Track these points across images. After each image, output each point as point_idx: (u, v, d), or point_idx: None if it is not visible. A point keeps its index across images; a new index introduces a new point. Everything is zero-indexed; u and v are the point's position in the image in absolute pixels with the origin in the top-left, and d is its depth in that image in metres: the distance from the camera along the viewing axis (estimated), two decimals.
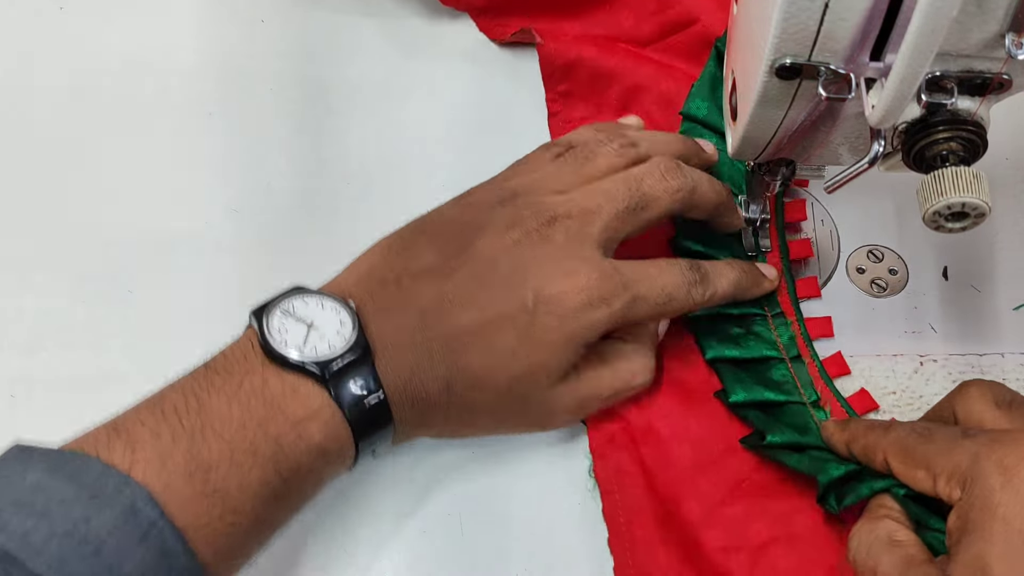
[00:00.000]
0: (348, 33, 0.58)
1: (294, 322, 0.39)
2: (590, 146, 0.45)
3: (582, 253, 0.42)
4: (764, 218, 0.50)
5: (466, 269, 0.42)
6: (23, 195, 0.53)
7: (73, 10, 0.58)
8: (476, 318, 0.41)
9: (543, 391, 0.42)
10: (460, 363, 0.41)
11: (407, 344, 0.40)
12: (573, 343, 0.41)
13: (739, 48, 0.42)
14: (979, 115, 0.37)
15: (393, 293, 0.41)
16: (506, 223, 0.43)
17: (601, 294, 0.41)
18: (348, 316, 0.40)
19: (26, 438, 0.48)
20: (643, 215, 0.43)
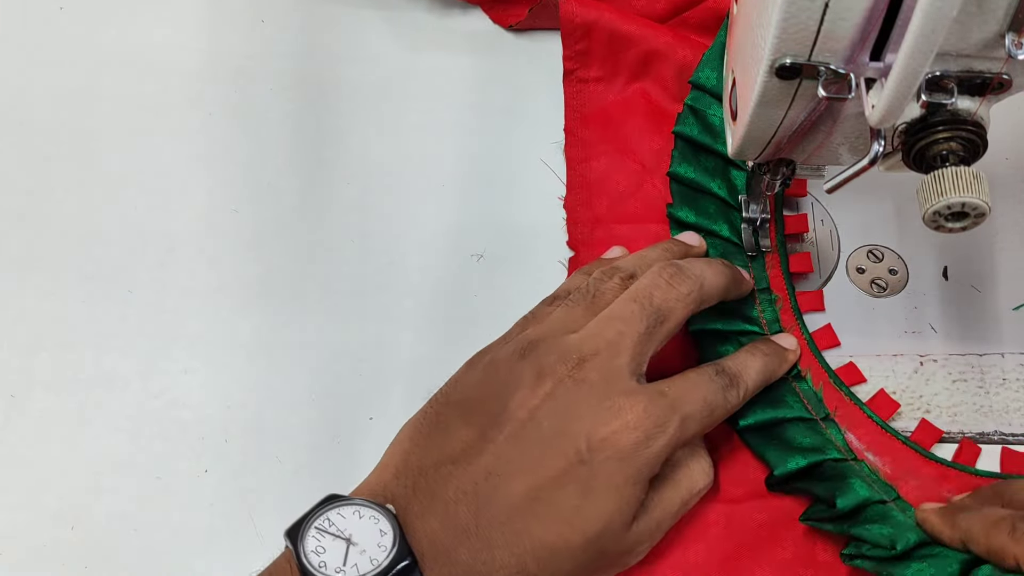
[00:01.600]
0: (348, 32, 0.58)
1: (331, 539, 0.37)
2: (592, 286, 0.44)
3: (621, 387, 0.40)
4: (764, 218, 0.50)
5: (507, 436, 0.39)
6: (23, 195, 0.53)
7: (73, 10, 0.58)
8: (531, 485, 0.38)
9: (620, 537, 0.40)
10: (527, 542, 0.38)
11: (462, 540, 0.38)
12: (640, 481, 0.39)
13: (739, 48, 0.42)
14: (979, 115, 0.37)
15: (436, 485, 0.39)
16: (534, 376, 0.40)
17: (655, 424, 0.39)
18: (388, 524, 0.37)
19: (26, 438, 0.48)
20: (663, 329, 0.42)
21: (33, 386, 0.49)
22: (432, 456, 0.40)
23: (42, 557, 0.46)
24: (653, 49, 0.53)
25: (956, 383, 0.48)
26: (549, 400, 0.40)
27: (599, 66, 0.54)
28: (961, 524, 0.41)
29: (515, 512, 0.38)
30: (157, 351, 0.49)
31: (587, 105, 0.54)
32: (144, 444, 0.48)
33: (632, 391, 0.40)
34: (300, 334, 0.50)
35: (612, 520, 0.39)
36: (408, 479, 0.39)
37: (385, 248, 0.52)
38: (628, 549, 0.40)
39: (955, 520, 0.41)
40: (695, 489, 0.42)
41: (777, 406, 0.46)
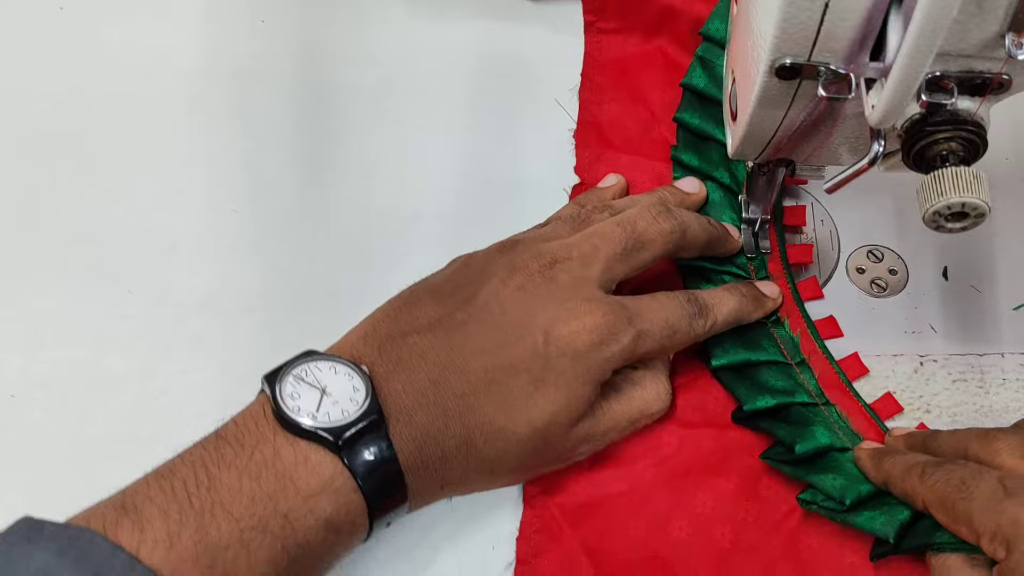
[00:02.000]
0: (348, 32, 0.58)
1: (307, 387, 0.38)
2: (582, 214, 0.47)
3: (586, 293, 0.42)
4: (764, 219, 0.50)
5: (472, 319, 0.42)
6: (23, 195, 0.53)
7: (73, 10, 0.58)
8: (488, 366, 0.41)
9: (564, 433, 0.42)
10: (478, 417, 0.40)
11: (421, 405, 0.40)
12: (590, 382, 0.41)
13: (739, 48, 0.42)
14: (979, 115, 0.37)
15: (401, 351, 0.41)
16: (508, 269, 0.43)
17: (610, 331, 0.41)
18: (361, 381, 0.39)
19: (26, 438, 0.48)
20: (639, 256, 0.44)
21: (33, 386, 0.49)
22: (400, 326, 0.42)
23: None
24: (670, 5, 0.54)
25: (956, 383, 0.48)
26: (517, 291, 0.42)
27: (618, 19, 0.56)
28: (884, 467, 0.42)
29: (470, 388, 0.40)
30: (157, 351, 0.49)
31: (604, 53, 0.56)
32: (144, 444, 0.48)
33: (595, 298, 0.42)
34: (300, 334, 0.50)
35: (558, 413, 0.41)
36: (375, 342, 0.41)
37: (385, 248, 0.52)
38: (570, 447, 0.43)
39: (880, 462, 0.43)
40: (647, 410, 0.44)
41: (753, 348, 0.47)
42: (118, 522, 0.35)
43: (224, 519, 0.35)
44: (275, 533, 0.36)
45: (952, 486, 0.38)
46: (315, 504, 0.37)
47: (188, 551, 0.34)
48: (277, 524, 0.36)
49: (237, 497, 0.36)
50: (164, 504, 0.35)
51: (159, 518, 0.35)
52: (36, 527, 0.34)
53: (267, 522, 0.36)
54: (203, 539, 0.35)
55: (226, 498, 0.36)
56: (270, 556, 0.36)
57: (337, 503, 0.37)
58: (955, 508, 0.38)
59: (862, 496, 0.42)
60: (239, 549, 0.35)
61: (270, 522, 0.36)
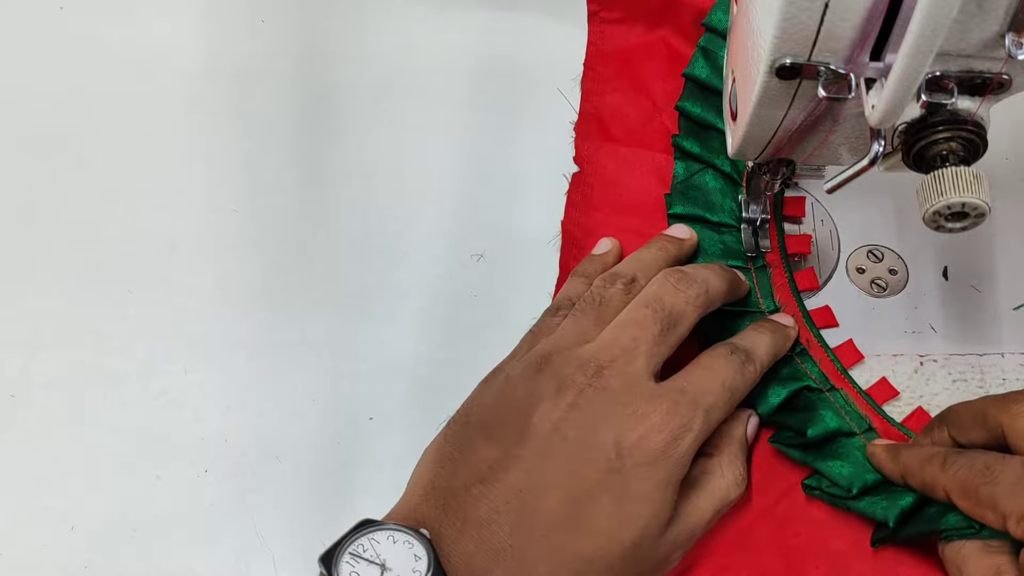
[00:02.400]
0: (348, 32, 0.58)
1: (365, 564, 0.37)
2: (595, 293, 0.45)
3: (642, 391, 0.40)
4: (764, 218, 0.50)
5: (533, 452, 0.39)
6: (23, 195, 0.53)
7: (73, 10, 0.58)
8: (564, 499, 0.38)
9: (656, 543, 0.39)
10: (564, 557, 0.38)
11: (496, 561, 0.37)
12: (671, 484, 0.39)
13: (739, 48, 0.42)
14: (979, 115, 0.37)
15: (467, 506, 0.38)
16: (555, 388, 0.41)
17: (680, 424, 0.40)
18: (423, 548, 0.37)
19: (26, 438, 0.48)
20: (676, 332, 0.42)
21: (33, 386, 0.49)
22: (460, 477, 0.39)
23: (42, 557, 0.46)
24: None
25: (956, 383, 0.48)
26: (572, 411, 0.40)
27: (621, 9, 0.56)
28: (901, 458, 0.42)
29: (550, 528, 0.38)
30: (157, 351, 0.49)
31: (607, 43, 0.56)
32: (144, 444, 0.48)
33: (653, 394, 0.40)
34: (300, 334, 0.50)
35: (648, 527, 0.39)
36: (438, 501, 0.39)
37: (385, 248, 0.52)
38: (663, 556, 0.40)
39: (897, 455, 0.42)
40: (728, 498, 0.42)
41: None
42: None
43: None
44: None
45: (975, 471, 0.38)
46: None
47: None
48: None
49: None
50: None
51: None
52: None
53: None
54: None
55: None
56: None
57: None
58: (978, 493, 0.37)
59: (868, 484, 0.42)
60: None
61: None
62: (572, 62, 0.56)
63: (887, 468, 0.43)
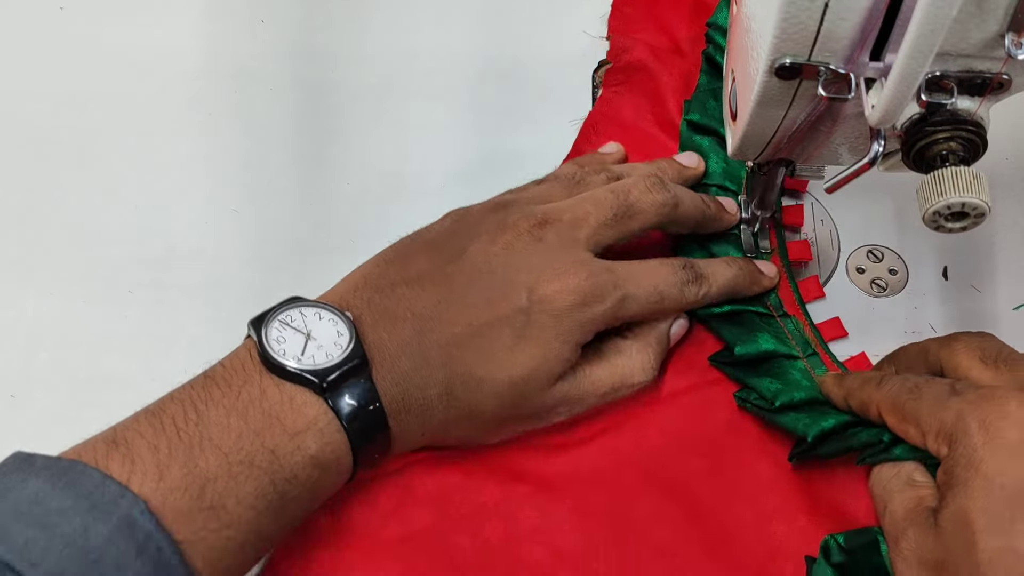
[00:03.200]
0: (348, 32, 0.58)
1: (292, 332, 0.40)
2: (578, 175, 0.47)
3: (573, 255, 0.43)
4: (764, 218, 0.50)
5: (461, 273, 0.43)
6: (23, 195, 0.53)
7: (73, 10, 0.58)
8: (472, 321, 0.42)
9: (542, 390, 0.42)
10: (459, 367, 0.41)
11: (405, 352, 0.41)
12: (569, 341, 0.42)
13: (739, 48, 0.42)
14: (979, 115, 0.37)
15: (390, 301, 0.42)
16: (497, 227, 0.44)
17: (593, 292, 0.42)
18: (346, 327, 0.40)
19: (26, 438, 0.48)
20: (629, 224, 0.45)
21: (33, 386, 0.49)
22: (390, 277, 0.43)
23: None
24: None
25: None
26: (506, 250, 0.43)
27: None
28: (845, 382, 0.43)
29: (453, 339, 0.41)
30: (157, 351, 0.49)
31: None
32: None
33: (581, 260, 0.43)
34: None
35: (536, 368, 0.42)
36: (365, 294, 0.42)
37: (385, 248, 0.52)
38: (548, 407, 0.43)
39: (842, 380, 0.44)
40: (629, 379, 0.44)
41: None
42: (108, 455, 0.36)
43: (212, 453, 0.36)
44: (262, 467, 0.37)
45: (905, 389, 0.40)
46: (301, 441, 0.38)
47: (177, 482, 0.35)
48: (264, 459, 0.37)
49: (225, 433, 0.37)
50: (153, 439, 0.36)
51: (149, 452, 0.36)
52: (28, 460, 0.35)
53: (254, 456, 0.37)
54: (192, 471, 0.36)
55: (214, 433, 0.37)
56: (258, 489, 0.37)
57: (322, 441, 0.38)
58: (904, 408, 0.39)
59: (793, 401, 0.44)
60: (228, 481, 0.36)
61: (257, 456, 0.37)
62: (573, 62, 0.56)
63: (833, 392, 0.44)
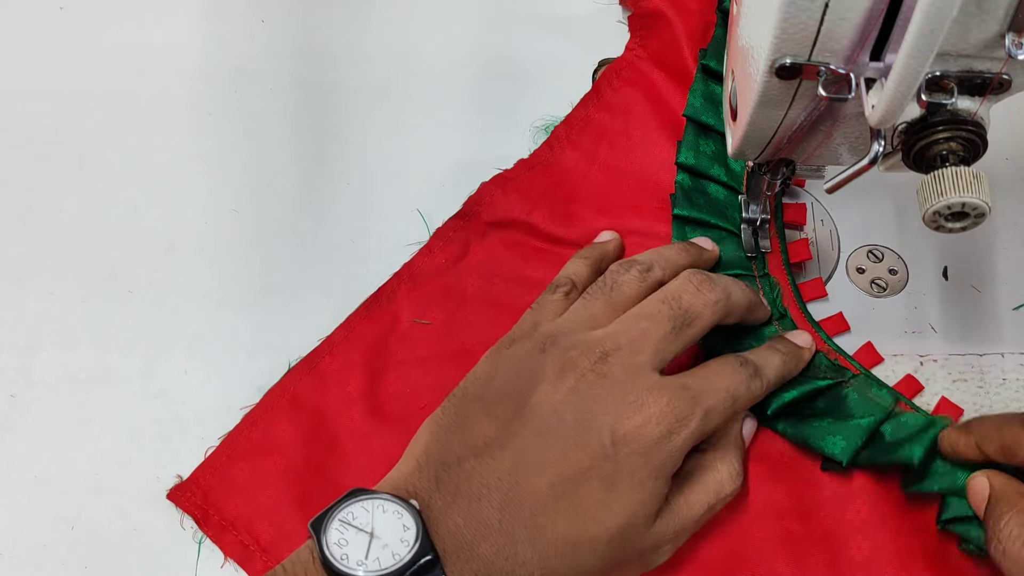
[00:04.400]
0: (348, 32, 0.58)
1: (354, 532, 0.36)
2: (609, 279, 0.44)
3: (644, 382, 0.40)
4: (764, 218, 0.50)
5: (529, 430, 0.39)
6: (23, 195, 0.53)
7: (73, 10, 0.58)
8: (555, 480, 0.38)
9: (644, 533, 0.40)
10: (550, 537, 0.38)
11: (485, 536, 0.37)
12: (663, 475, 0.40)
13: (739, 48, 0.42)
14: (979, 115, 0.37)
15: (459, 480, 0.39)
16: (557, 370, 0.41)
17: (677, 417, 0.40)
18: (411, 519, 0.37)
19: (26, 438, 0.48)
20: (688, 332, 0.42)
21: (33, 386, 0.49)
22: (454, 450, 0.39)
23: (42, 557, 0.45)
24: None
25: (956, 383, 0.48)
26: (572, 394, 0.40)
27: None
28: (975, 427, 0.41)
29: (539, 507, 0.38)
30: (157, 351, 0.49)
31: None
32: (144, 444, 0.48)
33: (655, 386, 0.40)
34: (300, 334, 0.50)
35: (635, 514, 0.39)
36: (430, 473, 0.39)
37: (384, 248, 0.52)
38: (651, 547, 0.40)
39: (970, 426, 0.41)
40: (722, 493, 0.42)
41: None
42: None
43: None
44: None
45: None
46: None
47: None
48: None
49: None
50: None
51: None
52: None
53: None
54: None
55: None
56: None
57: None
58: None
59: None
60: None
61: None
62: (572, 62, 0.56)
63: (961, 442, 0.41)
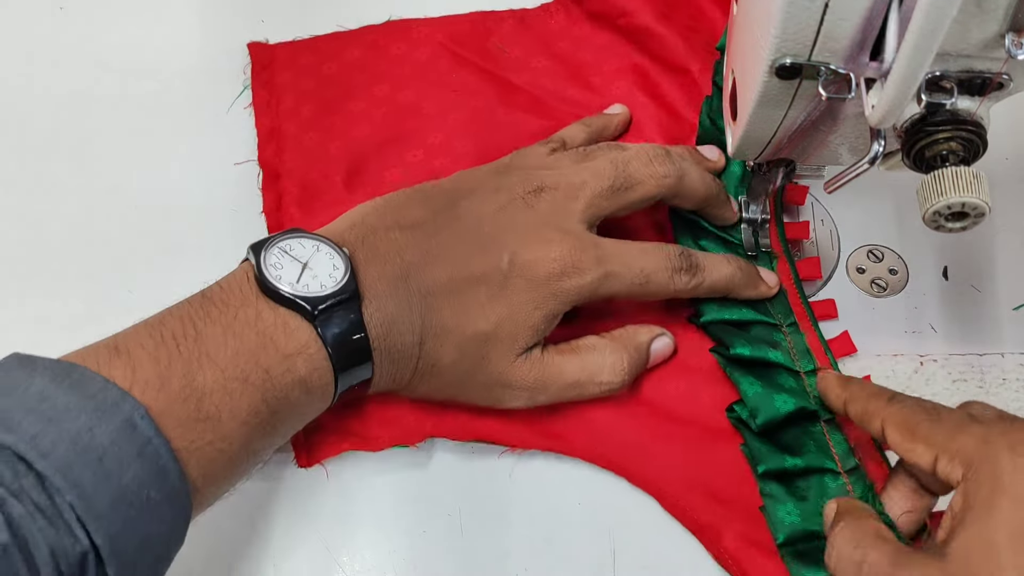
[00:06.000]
0: None
1: (290, 260, 0.41)
2: (588, 149, 0.47)
3: (563, 224, 0.43)
4: (764, 218, 0.50)
5: (451, 227, 0.43)
6: (23, 195, 0.53)
7: (73, 10, 0.58)
8: (453, 274, 0.42)
9: (505, 355, 0.43)
10: (433, 317, 0.42)
11: (391, 294, 0.42)
12: (542, 308, 0.42)
13: (739, 48, 0.42)
14: (979, 115, 0.37)
15: (381, 243, 0.43)
16: (494, 188, 0.44)
17: (575, 264, 0.42)
18: (342, 261, 0.41)
19: None
20: (627, 195, 0.45)
21: None
22: (385, 220, 0.43)
23: None
24: None
25: (956, 383, 0.48)
26: (498, 212, 0.44)
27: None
28: (850, 386, 0.43)
29: (434, 289, 0.42)
30: None
31: None
32: None
33: (570, 230, 0.43)
34: None
35: (501, 326, 0.42)
36: (360, 233, 0.43)
37: None
38: (504, 379, 0.43)
39: (848, 382, 0.43)
40: (597, 378, 0.44)
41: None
42: (111, 362, 0.36)
43: (210, 368, 0.37)
44: (256, 385, 0.38)
45: (922, 410, 0.39)
46: (292, 364, 0.39)
47: (176, 393, 0.36)
48: (259, 377, 0.38)
49: (222, 350, 0.38)
50: (154, 350, 0.37)
51: (150, 362, 0.37)
52: (29, 359, 0.35)
53: (249, 374, 0.38)
54: (190, 384, 0.37)
55: (212, 350, 0.38)
56: (251, 405, 0.38)
57: (310, 366, 0.39)
58: (917, 428, 0.38)
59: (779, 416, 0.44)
60: (223, 396, 0.37)
61: (252, 375, 0.38)
62: None
63: (833, 392, 0.43)
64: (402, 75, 0.55)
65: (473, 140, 0.52)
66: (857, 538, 0.37)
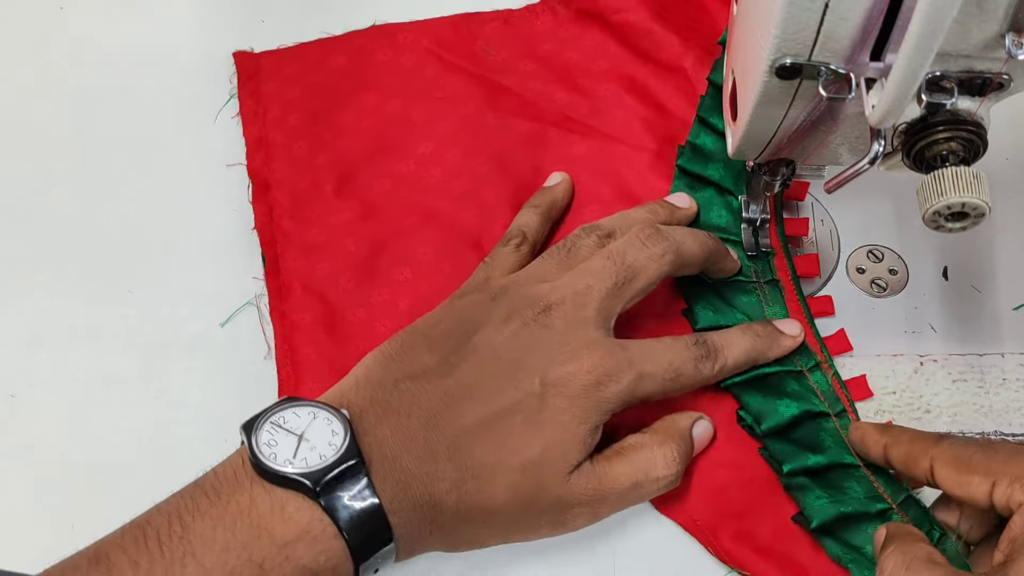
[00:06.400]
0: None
1: (284, 434, 0.38)
2: (569, 242, 0.46)
3: (584, 335, 0.42)
4: (764, 218, 0.50)
5: (467, 364, 0.41)
6: (23, 194, 0.53)
7: (73, 10, 0.58)
8: (483, 410, 0.40)
9: (559, 480, 0.40)
10: (469, 460, 0.39)
11: (409, 449, 0.39)
12: (586, 421, 0.41)
13: (739, 48, 0.42)
14: (979, 115, 0.37)
15: (392, 398, 0.40)
16: (502, 316, 0.42)
17: (607, 372, 0.41)
18: (340, 425, 0.38)
19: (26, 438, 0.48)
20: (633, 286, 0.43)
21: (33, 386, 0.49)
22: (392, 374, 0.41)
23: (42, 557, 0.45)
24: None
25: (956, 383, 0.48)
26: (512, 339, 0.42)
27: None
28: (890, 431, 0.42)
29: (463, 431, 0.40)
30: (157, 351, 0.49)
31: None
32: (144, 444, 0.48)
33: (593, 340, 0.42)
34: None
35: (550, 449, 0.40)
36: (367, 391, 0.41)
37: None
38: (564, 501, 0.41)
39: (886, 428, 0.42)
40: (652, 475, 0.42)
41: None
42: (88, 574, 0.35)
43: (194, 568, 0.35)
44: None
45: (975, 444, 0.38)
46: (291, 552, 0.36)
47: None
48: (251, 572, 0.36)
49: (209, 546, 0.36)
50: (135, 555, 0.35)
51: (129, 569, 0.35)
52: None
53: (240, 571, 0.36)
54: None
55: (198, 548, 0.36)
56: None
57: (315, 550, 0.37)
58: (972, 459, 0.37)
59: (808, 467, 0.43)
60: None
61: (243, 571, 0.36)
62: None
63: (871, 438, 0.42)
64: (389, 83, 0.54)
65: (464, 149, 0.52)
66: (907, 561, 0.37)
